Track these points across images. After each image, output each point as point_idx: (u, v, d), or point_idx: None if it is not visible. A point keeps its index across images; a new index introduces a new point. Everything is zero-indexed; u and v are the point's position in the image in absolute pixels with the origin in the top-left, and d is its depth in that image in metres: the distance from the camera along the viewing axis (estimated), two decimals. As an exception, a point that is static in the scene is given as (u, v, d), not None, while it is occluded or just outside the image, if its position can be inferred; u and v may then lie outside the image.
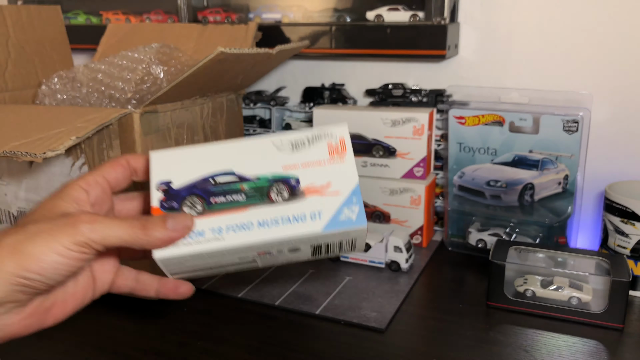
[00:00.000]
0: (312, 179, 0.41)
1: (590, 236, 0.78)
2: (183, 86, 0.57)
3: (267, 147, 0.42)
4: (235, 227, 0.40)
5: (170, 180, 0.41)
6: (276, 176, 0.41)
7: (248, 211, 0.40)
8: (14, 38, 0.73)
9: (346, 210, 0.40)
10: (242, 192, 0.41)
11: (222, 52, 0.52)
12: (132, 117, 0.55)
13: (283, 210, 0.40)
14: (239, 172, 0.41)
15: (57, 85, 0.70)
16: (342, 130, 0.44)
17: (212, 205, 0.40)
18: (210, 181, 0.41)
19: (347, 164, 0.42)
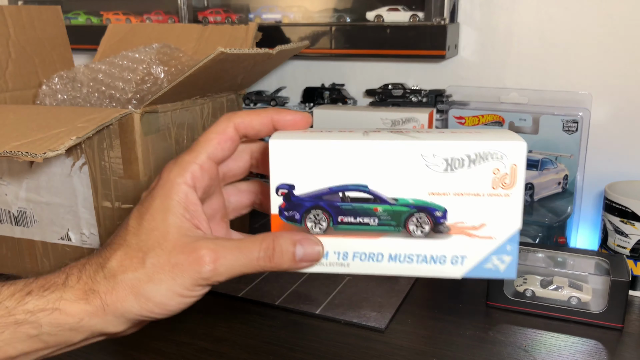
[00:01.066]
0: (463, 215, 0.33)
1: (590, 236, 0.78)
2: (183, 86, 0.57)
3: (414, 159, 0.33)
4: (362, 255, 0.35)
5: (293, 184, 0.34)
6: (419, 203, 0.34)
7: (380, 240, 0.34)
8: (14, 38, 0.73)
9: (495, 258, 0.34)
10: (376, 215, 0.34)
11: (222, 52, 0.52)
12: (132, 117, 0.55)
13: (421, 246, 0.34)
14: (374, 189, 0.34)
15: (57, 85, 0.70)
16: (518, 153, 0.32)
17: (339, 224, 0.35)
18: (340, 195, 0.34)
19: (513, 201, 0.33)
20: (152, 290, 0.31)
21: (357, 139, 0.33)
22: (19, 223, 0.65)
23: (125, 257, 0.32)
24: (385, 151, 0.33)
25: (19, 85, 0.73)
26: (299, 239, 0.33)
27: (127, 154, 0.57)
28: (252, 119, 0.34)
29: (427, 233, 0.34)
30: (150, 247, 0.31)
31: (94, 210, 0.60)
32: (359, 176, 0.34)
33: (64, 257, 0.64)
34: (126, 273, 0.31)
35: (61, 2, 1.00)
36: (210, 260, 0.31)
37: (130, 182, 0.58)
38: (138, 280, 0.31)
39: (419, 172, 0.33)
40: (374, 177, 0.34)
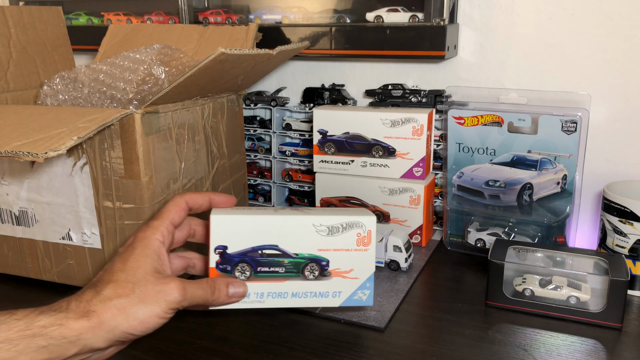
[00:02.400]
0: (339, 263, 0.51)
1: (589, 236, 0.79)
2: (184, 86, 0.57)
3: (308, 228, 0.50)
4: (274, 294, 0.51)
5: (226, 246, 0.49)
6: (312, 256, 0.50)
7: (285, 283, 0.50)
8: (15, 38, 0.73)
9: (360, 292, 0.52)
10: (283, 266, 0.50)
11: (223, 52, 0.52)
12: (133, 117, 0.56)
13: (312, 286, 0.51)
14: (282, 247, 0.50)
15: (58, 85, 0.70)
16: (371, 223, 0.51)
17: (258, 273, 0.50)
18: (259, 252, 0.49)
19: (369, 253, 0.51)
20: (139, 311, 0.42)
21: (270, 215, 0.49)
22: (20, 223, 0.65)
23: (117, 287, 0.42)
24: (289, 222, 0.50)
25: (20, 85, 0.74)
26: (231, 281, 0.49)
27: (128, 154, 0.57)
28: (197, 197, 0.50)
29: (317, 276, 0.51)
30: (137, 280, 0.43)
31: (95, 210, 0.60)
32: (271, 239, 0.50)
33: (65, 257, 0.64)
34: (120, 298, 0.42)
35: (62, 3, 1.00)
36: (178, 289, 0.44)
37: (131, 182, 0.58)
38: (129, 303, 0.42)
39: (311, 235, 0.50)
40: (282, 239, 0.50)
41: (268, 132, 0.91)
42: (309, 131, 0.87)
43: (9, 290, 0.67)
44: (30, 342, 0.38)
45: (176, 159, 0.62)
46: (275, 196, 0.93)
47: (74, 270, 0.64)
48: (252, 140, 0.93)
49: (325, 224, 0.50)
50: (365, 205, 0.77)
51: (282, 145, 0.91)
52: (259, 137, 0.93)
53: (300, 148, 0.89)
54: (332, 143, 0.77)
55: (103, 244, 0.62)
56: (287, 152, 0.90)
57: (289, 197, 0.93)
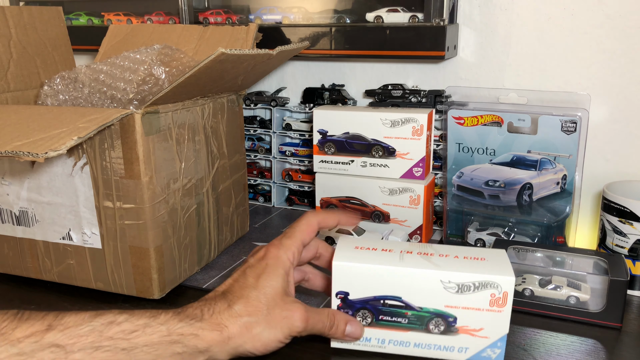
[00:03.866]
0: (468, 321, 0.48)
1: (589, 236, 0.79)
2: (184, 87, 0.57)
3: (435, 283, 0.47)
4: (395, 342, 0.50)
5: (348, 292, 0.49)
6: (437, 311, 0.48)
7: (408, 333, 0.49)
8: (15, 39, 0.73)
9: (489, 350, 0.48)
10: (406, 317, 0.49)
11: (223, 52, 0.52)
12: (133, 117, 0.56)
13: (437, 339, 0.49)
14: (406, 300, 0.48)
15: (59, 85, 0.70)
16: (509, 284, 0.46)
17: (379, 321, 0.49)
18: (381, 302, 0.49)
19: (504, 315, 0.47)
20: (264, 333, 0.44)
21: (395, 265, 0.47)
22: (21, 223, 0.65)
23: (249, 305, 0.44)
24: (415, 275, 0.47)
25: (21, 85, 0.74)
26: (350, 320, 0.49)
27: (128, 154, 0.57)
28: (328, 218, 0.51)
29: (442, 331, 0.48)
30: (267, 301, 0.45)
31: (95, 210, 0.60)
32: (395, 289, 0.48)
33: (66, 257, 0.64)
34: (250, 316, 0.44)
35: (62, 3, 1.00)
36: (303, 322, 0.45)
37: (132, 182, 0.58)
38: (257, 324, 0.43)
39: (438, 290, 0.47)
40: (406, 291, 0.48)
41: (268, 132, 0.91)
42: (309, 131, 0.87)
43: (8, 290, 0.67)
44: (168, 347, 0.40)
45: (176, 159, 0.62)
46: (275, 196, 0.93)
47: (74, 270, 0.64)
48: (252, 140, 0.93)
49: (455, 282, 0.46)
50: (365, 205, 0.77)
51: (282, 145, 0.91)
52: (259, 137, 0.93)
53: (300, 148, 0.89)
54: (332, 143, 0.77)
55: (103, 244, 0.62)
56: (287, 152, 0.90)
57: (289, 197, 0.93)
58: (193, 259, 0.68)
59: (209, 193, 0.69)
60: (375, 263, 0.47)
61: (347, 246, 0.50)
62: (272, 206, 0.94)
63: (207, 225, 0.70)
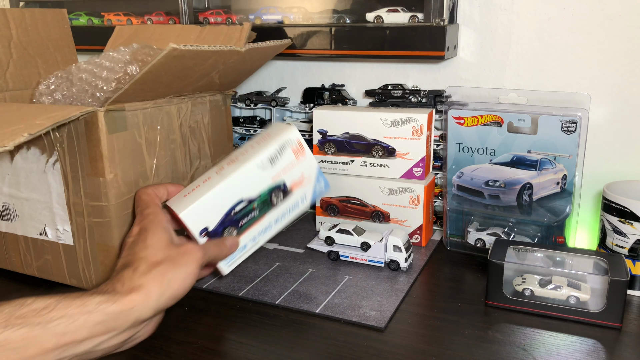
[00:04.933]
0: (292, 177, 0.58)
1: (589, 236, 0.79)
2: (145, 84, 0.57)
3: (255, 170, 0.56)
4: (262, 231, 0.59)
5: (206, 227, 0.55)
6: (271, 187, 0.57)
7: (265, 218, 0.58)
8: (16, 40, 0.73)
9: (317, 185, 0.61)
10: (255, 209, 0.57)
11: (175, 48, 0.52)
12: (96, 115, 0.56)
13: (284, 206, 0.59)
14: (246, 197, 0.56)
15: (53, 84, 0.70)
16: (295, 134, 0.58)
17: (241, 227, 0.57)
18: (232, 213, 0.56)
19: (308, 156, 0.59)
20: (176, 274, 0.47)
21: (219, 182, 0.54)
22: (4, 217, 0.66)
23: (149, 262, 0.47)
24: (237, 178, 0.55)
25: (20, 85, 0.74)
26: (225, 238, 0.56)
27: (93, 152, 0.58)
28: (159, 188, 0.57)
29: (283, 198, 0.58)
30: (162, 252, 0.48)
31: (67, 207, 0.61)
32: (234, 197, 0.56)
33: (43, 252, 0.65)
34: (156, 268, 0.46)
35: (63, 3, 1.00)
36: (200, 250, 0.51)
37: (97, 180, 0.58)
38: (165, 271, 0.47)
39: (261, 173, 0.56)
40: (243, 191, 0.56)
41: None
42: (309, 131, 0.87)
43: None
44: (88, 317, 0.41)
45: (146, 157, 0.62)
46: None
47: (51, 266, 0.66)
48: (252, 141, 0.93)
49: (264, 159, 0.56)
50: (365, 205, 0.77)
51: (282, 146, 0.91)
52: (259, 137, 0.93)
53: (300, 148, 0.89)
54: (332, 143, 0.77)
55: (75, 240, 0.62)
56: (287, 152, 0.90)
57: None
58: None
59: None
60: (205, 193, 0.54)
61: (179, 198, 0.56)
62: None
63: None
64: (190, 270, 0.48)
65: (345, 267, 0.70)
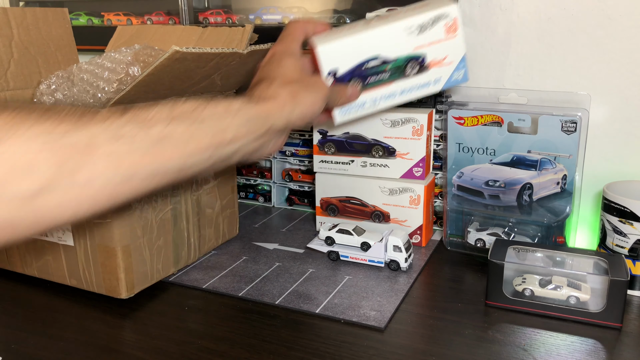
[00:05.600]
0: (434, 54, 0.55)
1: (589, 236, 0.79)
2: (147, 86, 0.57)
3: (401, 32, 0.54)
4: (385, 97, 0.57)
5: (336, 69, 0.55)
6: (410, 56, 0.55)
7: (392, 85, 0.57)
8: (17, 39, 0.73)
9: (456, 73, 0.57)
10: (387, 72, 0.56)
11: (177, 50, 0.52)
12: None
13: (415, 81, 0.57)
14: (383, 56, 0.55)
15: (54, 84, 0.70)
16: (454, 11, 0.54)
17: (367, 84, 0.56)
18: (363, 67, 0.55)
19: (458, 38, 0.55)
20: (306, 96, 0.49)
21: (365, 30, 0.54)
22: None
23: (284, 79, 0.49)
24: (383, 33, 0.54)
25: (21, 84, 0.74)
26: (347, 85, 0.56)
27: None
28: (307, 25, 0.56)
29: (417, 72, 0.56)
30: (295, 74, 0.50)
31: None
32: (372, 51, 0.54)
33: (44, 253, 0.65)
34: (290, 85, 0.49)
35: (63, 3, 1.00)
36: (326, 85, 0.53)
37: None
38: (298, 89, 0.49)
39: (406, 38, 0.54)
40: (382, 49, 0.54)
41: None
42: (309, 131, 0.87)
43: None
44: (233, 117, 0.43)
45: None
46: (275, 196, 0.93)
47: (51, 266, 0.66)
48: (252, 141, 0.93)
49: (414, 25, 0.53)
50: (365, 205, 0.77)
51: (282, 146, 0.91)
52: (259, 137, 0.93)
53: (300, 148, 0.89)
54: (332, 143, 0.77)
55: (75, 241, 0.62)
56: (287, 152, 0.90)
57: (289, 197, 0.93)
58: (168, 260, 0.68)
59: (188, 194, 0.69)
60: (349, 36, 0.54)
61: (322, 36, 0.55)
62: (272, 206, 0.94)
63: (184, 226, 0.70)
64: (319, 96, 0.50)
65: (345, 267, 0.70)
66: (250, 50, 0.64)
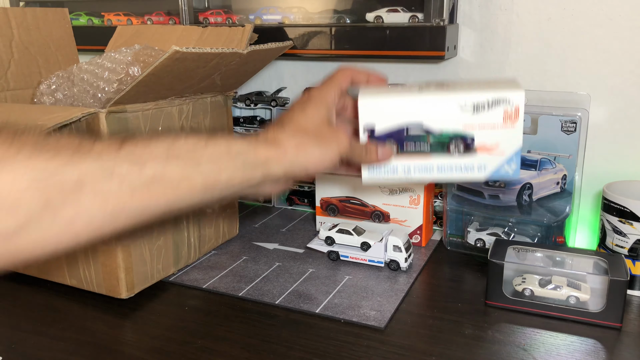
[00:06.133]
0: (485, 139, 0.50)
1: (588, 236, 0.79)
2: (147, 86, 0.57)
3: (453, 106, 0.49)
4: (420, 168, 0.52)
5: (374, 126, 0.51)
6: (457, 133, 0.50)
7: (431, 158, 0.51)
8: (17, 39, 0.73)
9: (506, 166, 0.50)
10: (427, 143, 0.51)
11: (177, 50, 0.53)
12: (98, 116, 0.56)
13: (457, 161, 0.51)
14: (427, 126, 0.50)
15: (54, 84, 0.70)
16: (519, 99, 0.49)
17: (404, 150, 0.51)
18: (404, 131, 0.51)
19: (516, 129, 0.49)
20: (315, 150, 0.46)
21: (414, 95, 0.50)
22: None
23: (299, 127, 0.47)
24: (433, 101, 0.49)
25: (21, 84, 0.74)
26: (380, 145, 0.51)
27: None
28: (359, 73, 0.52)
29: (462, 152, 0.50)
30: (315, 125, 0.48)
31: None
32: (416, 118, 0.50)
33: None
34: (302, 136, 0.46)
35: (63, 3, 1.00)
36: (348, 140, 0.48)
37: None
38: (309, 141, 0.46)
39: (456, 114, 0.49)
40: (426, 118, 0.50)
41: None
42: (309, 131, 0.87)
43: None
44: (230, 160, 0.42)
45: None
46: (275, 196, 0.93)
47: (51, 266, 0.66)
48: (252, 141, 0.93)
49: (471, 102, 0.49)
50: (365, 205, 0.77)
51: (282, 146, 0.91)
52: (259, 137, 0.93)
53: (300, 148, 0.89)
54: (332, 143, 0.76)
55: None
56: (287, 152, 0.90)
57: (289, 197, 0.93)
58: (168, 259, 0.68)
59: None
60: (396, 96, 0.50)
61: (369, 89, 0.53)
62: (272, 206, 0.94)
63: (185, 226, 0.70)
64: (331, 152, 0.47)
65: (345, 267, 0.70)
66: (250, 50, 0.64)
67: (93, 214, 0.35)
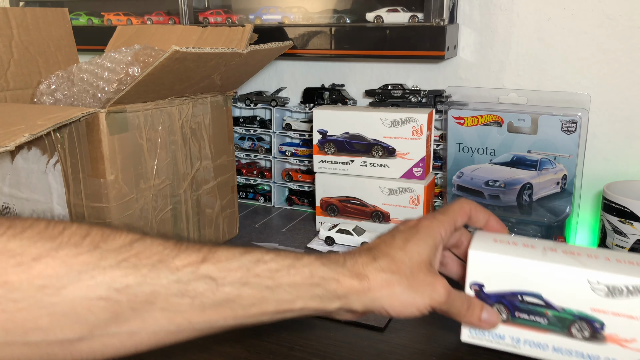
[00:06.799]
0: (618, 329, 0.42)
1: (589, 236, 0.79)
2: (147, 86, 0.57)
3: (581, 282, 0.42)
4: (531, 343, 0.45)
5: (483, 284, 0.45)
6: (582, 314, 0.43)
7: (546, 335, 0.45)
8: (17, 39, 0.73)
9: None
10: (545, 317, 0.44)
11: (177, 50, 0.53)
12: (97, 116, 0.56)
13: (580, 346, 0.44)
14: (546, 298, 0.44)
15: (54, 84, 0.70)
16: None
17: (515, 318, 0.45)
18: (518, 297, 0.44)
19: None
20: (404, 294, 0.41)
21: (537, 259, 0.43)
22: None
23: (393, 263, 0.42)
24: (559, 271, 0.42)
25: (20, 84, 0.74)
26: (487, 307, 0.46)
27: (93, 153, 0.58)
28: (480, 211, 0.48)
29: (587, 338, 0.43)
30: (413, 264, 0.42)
31: (67, 208, 0.61)
32: (535, 285, 0.43)
33: None
34: (393, 274, 0.41)
35: (63, 3, 1.00)
36: (446, 292, 0.42)
37: (97, 181, 0.58)
38: (398, 283, 0.41)
39: (585, 292, 0.42)
40: (548, 288, 0.43)
41: (268, 132, 0.91)
42: (309, 131, 0.87)
43: None
44: (309, 289, 0.39)
45: (147, 158, 0.62)
46: (275, 196, 0.93)
47: None
48: (252, 140, 0.93)
49: (605, 283, 0.41)
50: (365, 205, 0.77)
51: (282, 145, 0.91)
52: (259, 137, 0.93)
53: (300, 148, 0.89)
54: (332, 143, 0.77)
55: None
56: (287, 152, 0.90)
57: (289, 197, 0.93)
58: None
59: (188, 194, 0.69)
60: (515, 255, 0.44)
61: (486, 237, 0.46)
62: (272, 206, 0.94)
63: (185, 226, 0.70)
64: (420, 302, 0.42)
65: (345, 267, 0.70)
66: (250, 50, 0.64)
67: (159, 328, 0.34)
